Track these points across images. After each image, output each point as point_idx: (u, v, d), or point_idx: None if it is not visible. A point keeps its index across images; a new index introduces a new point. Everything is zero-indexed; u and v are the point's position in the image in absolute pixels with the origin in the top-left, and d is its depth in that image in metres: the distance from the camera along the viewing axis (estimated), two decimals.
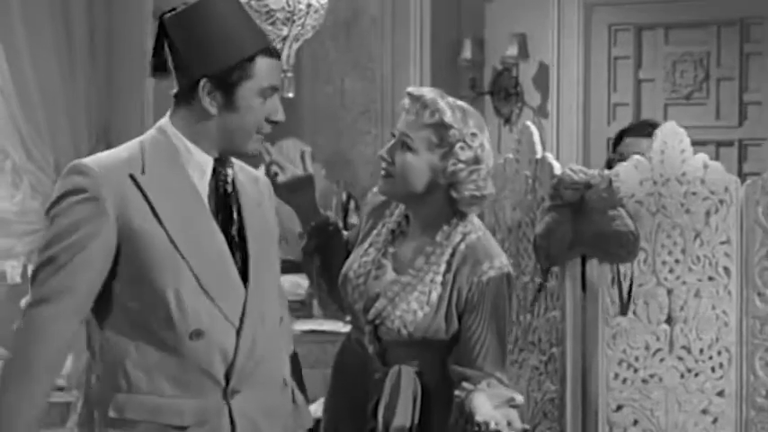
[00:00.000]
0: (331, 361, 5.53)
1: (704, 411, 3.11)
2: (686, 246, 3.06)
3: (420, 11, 6.07)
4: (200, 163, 2.21)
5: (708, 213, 3.08)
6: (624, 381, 3.02)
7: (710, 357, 3.11)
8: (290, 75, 4.86)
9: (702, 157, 3.08)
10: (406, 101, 2.56)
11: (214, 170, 2.23)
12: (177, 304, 2.13)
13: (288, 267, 5.89)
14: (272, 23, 4.84)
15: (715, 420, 3.11)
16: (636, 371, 3.02)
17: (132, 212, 2.13)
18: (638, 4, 5.78)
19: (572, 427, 3.00)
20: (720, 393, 3.11)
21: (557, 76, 5.93)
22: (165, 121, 2.25)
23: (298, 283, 5.91)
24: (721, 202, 3.09)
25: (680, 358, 3.07)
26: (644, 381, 3.03)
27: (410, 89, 2.64)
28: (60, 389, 5.77)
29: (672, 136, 3.04)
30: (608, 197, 2.92)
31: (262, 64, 2.17)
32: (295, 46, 4.89)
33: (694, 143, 3.08)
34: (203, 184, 2.21)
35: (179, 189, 2.18)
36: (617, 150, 3.45)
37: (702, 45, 5.66)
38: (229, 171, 2.24)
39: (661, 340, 3.05)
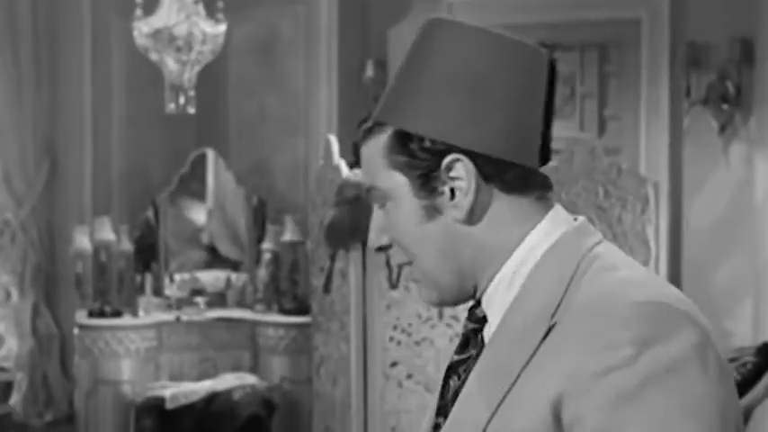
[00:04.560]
0: (236, 344, 6.27)
1: None
2: None
3: (329, 35, 6.74)
4: None
5: None
6: (399, 343, 3.72)
7: None
8: (191, 94, 5.57)
9: None
10: None
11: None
12: None
13: (210, 262, 6.63)
14: (178, 50, 5.56)
15: None
16: (409, 335, 3.72)
17: None
18: (516, 29, 6.42)
19: (356, 379, 3.71)
20: None
21: None
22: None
23: (217, 277, 6.64)
24: None
25: (449, 325, 3.76)
26: (417, 343, 3.73)
27: None
28: (1, 369, 6.50)
29: None
30: None
31: None
32: (196, 68, 5.59)
33: (563, 152, 3.74)
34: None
35: None
36: None
37: (568, 66, 6.30)
38: (477, 310, 1.45)
39: (432, 311, 3.74)
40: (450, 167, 1.37)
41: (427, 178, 1.38)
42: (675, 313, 1.27)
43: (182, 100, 5.49)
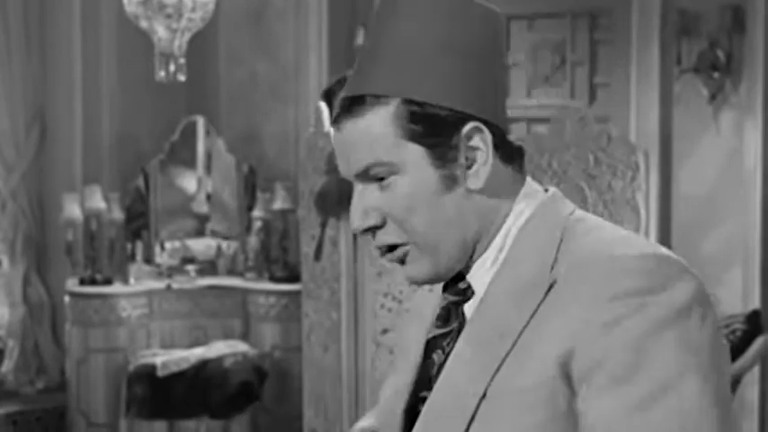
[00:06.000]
0: (227, 311, 6.28)
1: None
2: None
3: (319, 2, 6.71)
4: None
5: None
6: (389, 310, 3.72)
7: None
8: (181, 61, 5.55)
9: None
10: None
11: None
12: None
13: (201, 230, 6.64)
14: (168, 17, 5.54)
15: None
16: (400, 302, 3.73)
17: None
18: None
19: (346, 346, 3.72)
20: None
21: None
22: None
23: (208, 245, 6.65)
24: None
25: None
26: (407, 310, 3.72)
27: None
28: None
29: None
30: None
31: None
32: (187, 36, 5.57)
33: (553, 120, 3.74)
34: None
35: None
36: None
37: (559, 33, 6.29)
38: (460, 284, 1.44)
39: None
40: (469, 136, 1.37)
41: (447, 147, 1.36)
42: (675, 264, 1.31)
43: (172, 68, 5.47)
